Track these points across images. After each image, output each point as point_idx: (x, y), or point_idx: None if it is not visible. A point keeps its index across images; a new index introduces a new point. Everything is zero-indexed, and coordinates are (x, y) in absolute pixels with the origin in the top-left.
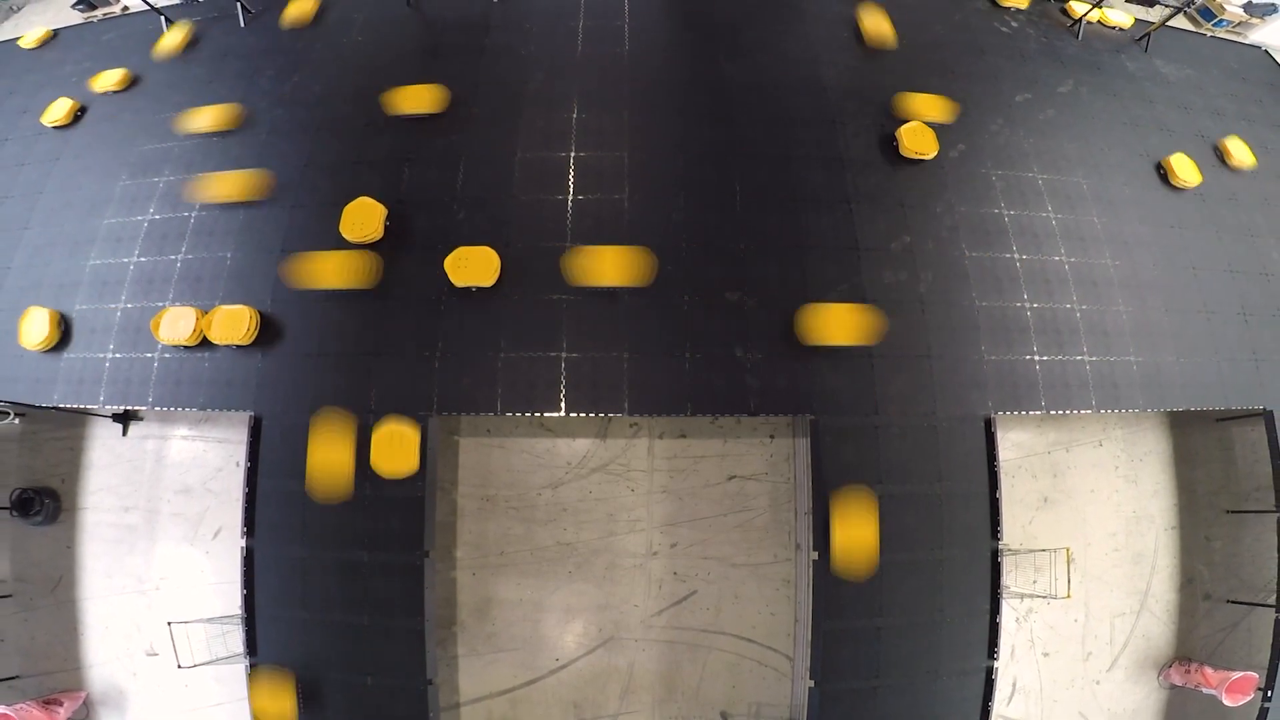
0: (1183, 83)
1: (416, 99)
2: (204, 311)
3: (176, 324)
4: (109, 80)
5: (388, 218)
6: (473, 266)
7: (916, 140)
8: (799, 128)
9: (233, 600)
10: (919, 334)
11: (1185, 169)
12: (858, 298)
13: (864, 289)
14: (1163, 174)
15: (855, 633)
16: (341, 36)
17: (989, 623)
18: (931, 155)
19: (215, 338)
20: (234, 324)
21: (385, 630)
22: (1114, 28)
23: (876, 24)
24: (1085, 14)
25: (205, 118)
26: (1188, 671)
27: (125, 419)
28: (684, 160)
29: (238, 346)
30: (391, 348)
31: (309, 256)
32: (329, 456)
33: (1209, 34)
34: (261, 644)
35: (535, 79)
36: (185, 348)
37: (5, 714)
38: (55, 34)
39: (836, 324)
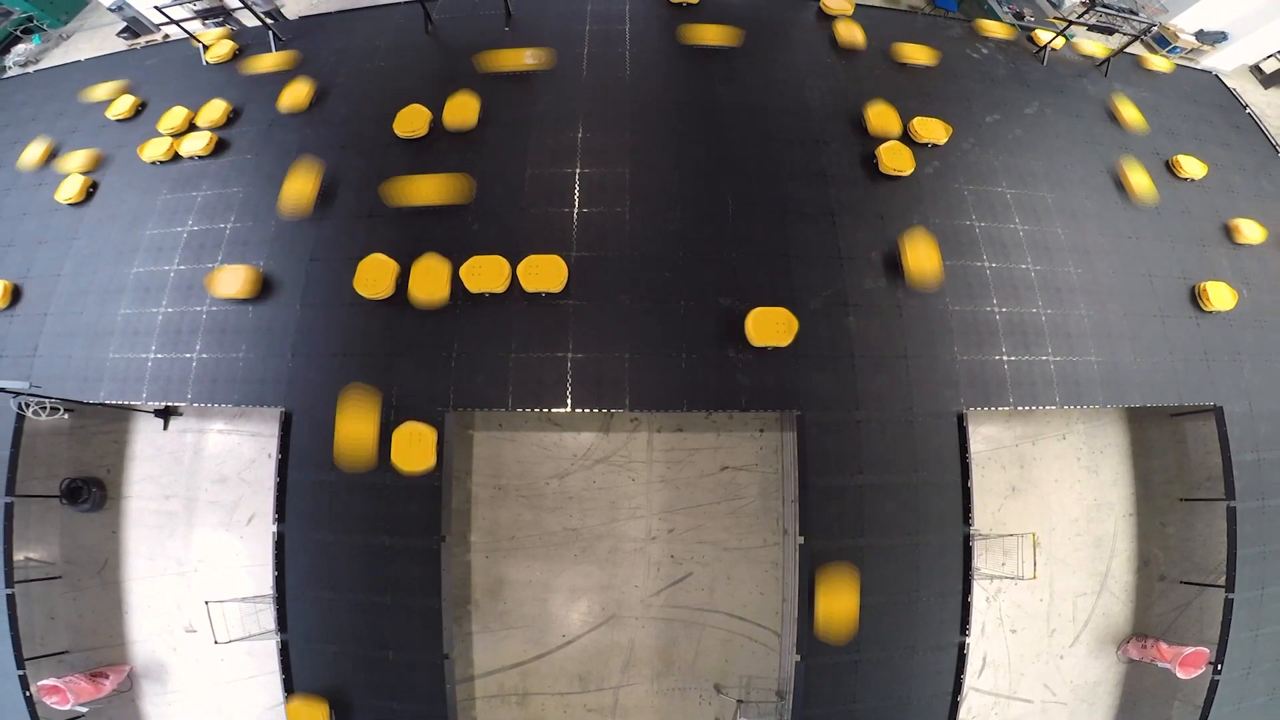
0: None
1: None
2: None
3: None
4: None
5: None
6: (486, 274)
7: (895, 159)
8: (786, 146)
9: (265, 581)
10: (897, 336)
11: (1142, 183)
12: (840, 301)
13: (846, 294)
14: (1121, 188)
15: None
16: (365, 61)
17: (961, 602)
18: (908, 172)
19: None
20: None
21: (405, 609)
22: (1086, 56)
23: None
24: (1049, 42)
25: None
26: (1144, 647)
27: (166, 414)
28: (680, 176)
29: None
30: (411, 349)
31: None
32: (356, 430)
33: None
34: (291, 621)
35: (544, 101)
36: None
37: (55, 686)
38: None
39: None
